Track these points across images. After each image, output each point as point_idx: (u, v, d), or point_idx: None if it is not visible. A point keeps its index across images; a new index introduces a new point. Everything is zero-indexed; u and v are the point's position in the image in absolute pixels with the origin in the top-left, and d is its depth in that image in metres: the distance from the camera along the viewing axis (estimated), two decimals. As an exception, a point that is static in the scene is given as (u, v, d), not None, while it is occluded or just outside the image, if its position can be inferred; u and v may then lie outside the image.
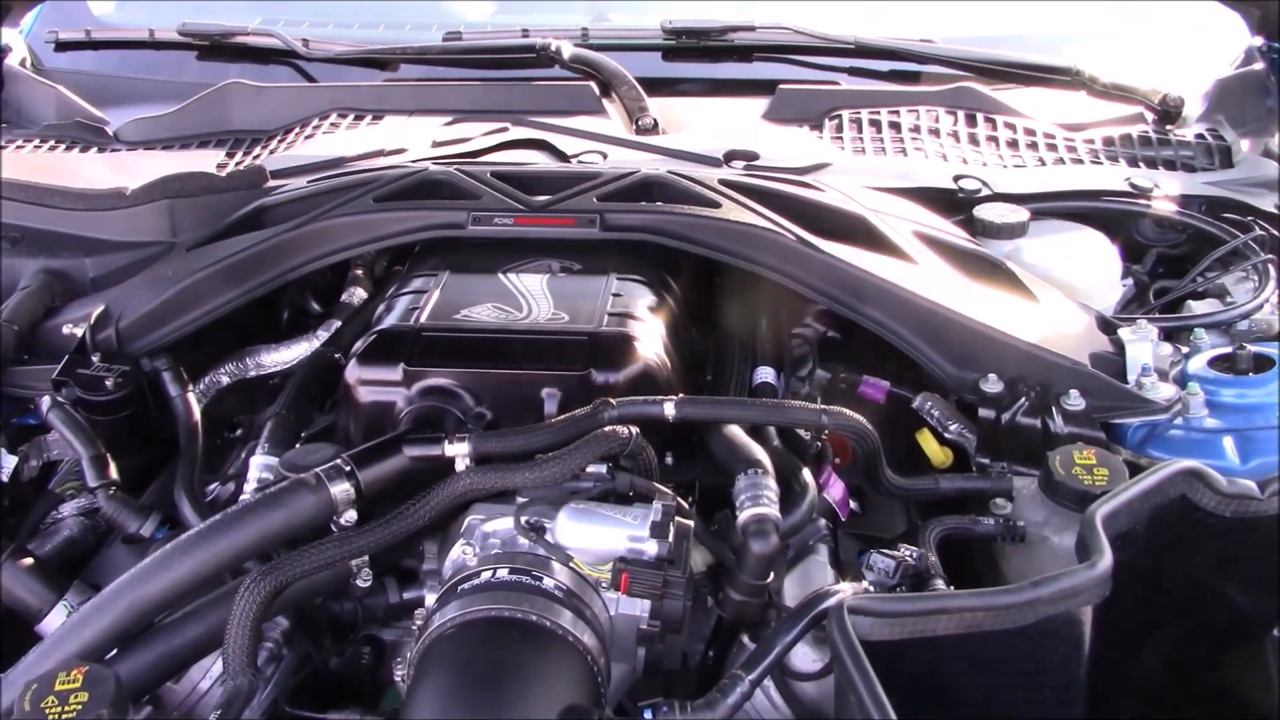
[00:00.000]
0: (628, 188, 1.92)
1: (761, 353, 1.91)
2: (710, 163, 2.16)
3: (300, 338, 2.03)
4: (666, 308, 1.82)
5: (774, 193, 1.93)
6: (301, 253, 1.92)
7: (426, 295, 1.79)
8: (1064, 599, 1.26)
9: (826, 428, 1.60)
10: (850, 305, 1.79)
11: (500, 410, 1.66)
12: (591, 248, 1.89)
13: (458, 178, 1.96)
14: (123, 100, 2.60)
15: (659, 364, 1.69)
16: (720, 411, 1.60)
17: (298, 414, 1.79)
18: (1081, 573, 1.27)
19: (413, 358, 1.66)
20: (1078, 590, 1.26)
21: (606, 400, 1.57)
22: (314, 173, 2.16)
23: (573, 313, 1.73)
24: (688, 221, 1.84)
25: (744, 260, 1.82)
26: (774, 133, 2.32)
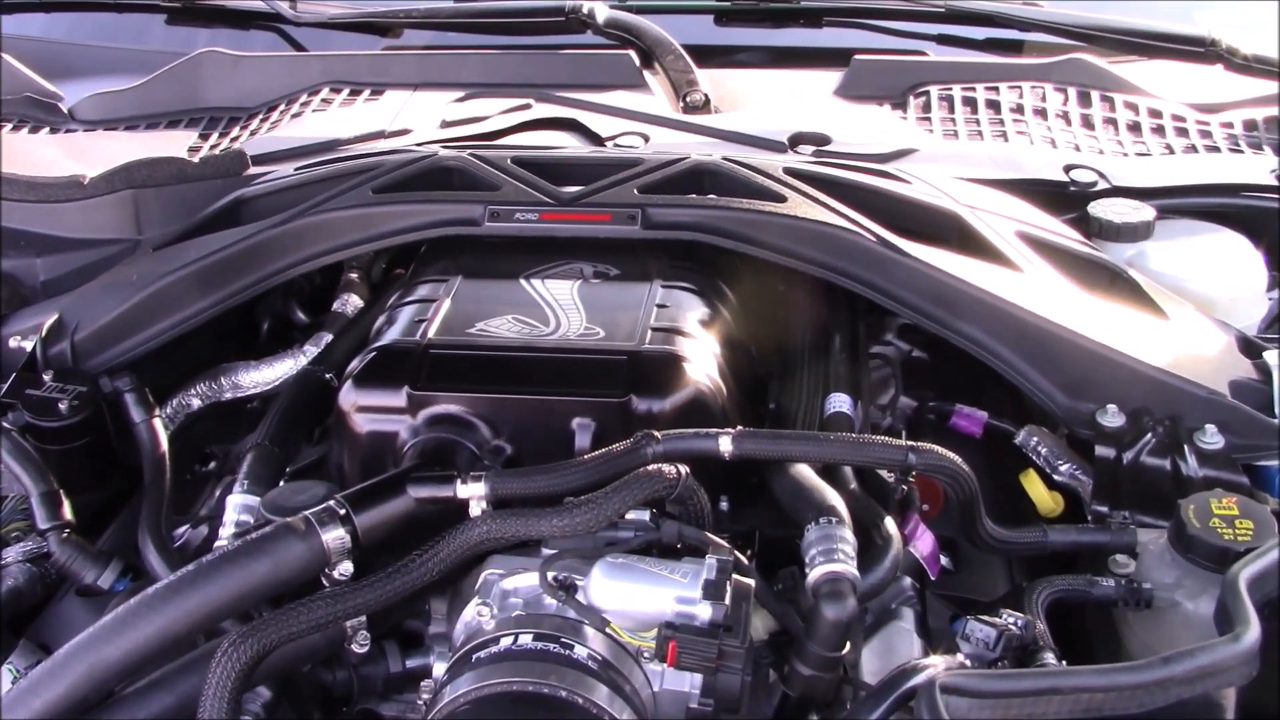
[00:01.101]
0: (674, 177, 1.93)
1: (835, 377, 1.91)
2: (773, 147, 2.16)
3: (284, 354, 2.04)
4: (721, 322, 1.82)
5: (849, 184, 1.93)
6: (287, 253, 1.94)
7: (435, 305, 1.80)
8: (1202, 679, 1.24)
9: (914, 468, 1.60)
10: (941, 320, 1.79)
11: (523, 443, 1.66)
12: (631, 249, 1.89)
13: (472, 164, 1.97)
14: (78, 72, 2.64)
15: (712, 390, 1.69)
16: (786, 447, 1.60)
17: (282, 445, 1.80)
18: (1223, 647, 1.25)
19: (419, 379, 1.67)
20: (1219, 668, 1.25)
21: (650, 433, 1.57)
22: (302, 158, 2.17)
23: (609, 327, 1.73)
24: (746, 218, 1.84)
25: (813, 265, 1.83)
26: (849, 112, 2.32)
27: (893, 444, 1.60)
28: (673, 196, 1.89)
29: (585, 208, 1.88)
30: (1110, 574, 1.60)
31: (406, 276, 2.03)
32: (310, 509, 1.50)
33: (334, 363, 1.95)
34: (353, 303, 2.12)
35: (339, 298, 2.13)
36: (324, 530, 1.48)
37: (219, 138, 2.42)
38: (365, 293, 2.15)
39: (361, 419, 1.69)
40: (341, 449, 1.73)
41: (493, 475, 1.54)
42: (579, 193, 1.91)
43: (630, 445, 1.56)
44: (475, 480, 1.54)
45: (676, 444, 1.56)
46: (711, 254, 1.90)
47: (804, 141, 2.18)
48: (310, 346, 2.03)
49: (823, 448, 1.61)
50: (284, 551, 1.47)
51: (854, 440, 1.63)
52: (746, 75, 2.50)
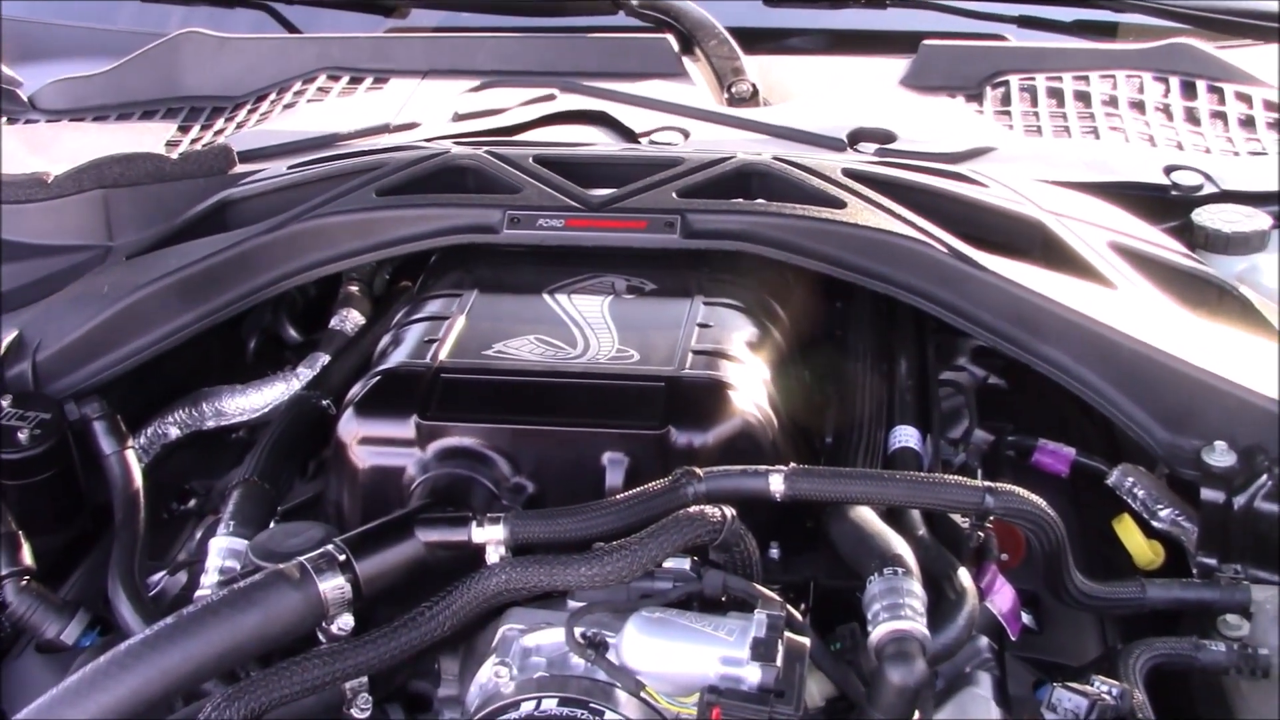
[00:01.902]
0: (718, 179, 1.94)
1: (901, 406, 1.92)
2: (830, 145, 2.18)
3: (275, 377, 2.06)
4: (771, 344, 1.83)
5: (917, 188, 1.94)
6: (279, 263, 1.96)
7: (447, 323, 1.81)
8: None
9: (991, 512, 1.60)
10: (1022, 342, 1.79)
11: (546, 481, 1.67)
12: (669, 260, 1.90)
13: (489, 164, 1.99)
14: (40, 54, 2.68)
15: (761, 421, 1.70)
16: (845, 488, 1.61)
17: (273, 481, 1.82)
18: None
19: (429, 407, 1.69)
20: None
21: (691, 470, 1.58)
22: (296, 155, 2.20)
23: (644, 349, 1.75)
24: (800, 226, 1.86)
25: (876, 279, 1.84)
26: (916, 105, 2.34)
27: (967, 484, 1.61)
28: (716, 201, 1.90)
29: (617, 214, 1.90)
30: (1220, 637, 1.59)
31: (414, 290, 2.05)
32: (305, 554, 1.52)
33: (331, 387, 1.96)
34: (353, 319, 2.14)
35: (337, 313, 2.15)
36: (321, 578, 1.50)
37: (201, 131, 2.45)
38: (367, 308, 2.17)
39: (363, 452, 1.71)
40: (340, 486, 1.75)
41: (512, 517, 1.56)
42: (610, 196, 1.92)
43: (669, 484, 1.57)
44: (492, 522, 1.55)
45: (721, 482, 1.57)
46: (760, 267, 1.91)
47: (865, 139, 2.20)
48: (304, 369, 2.05)
49: (887, 488, 1.62)
50: (275, 602, 1.48)
51: (923, 480, 1.63)
52: (800, 63, 2.51)
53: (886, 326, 2.06)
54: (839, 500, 1.61)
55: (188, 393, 2.06)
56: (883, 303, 2.02)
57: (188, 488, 2.06)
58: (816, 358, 1.99)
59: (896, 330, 2.05)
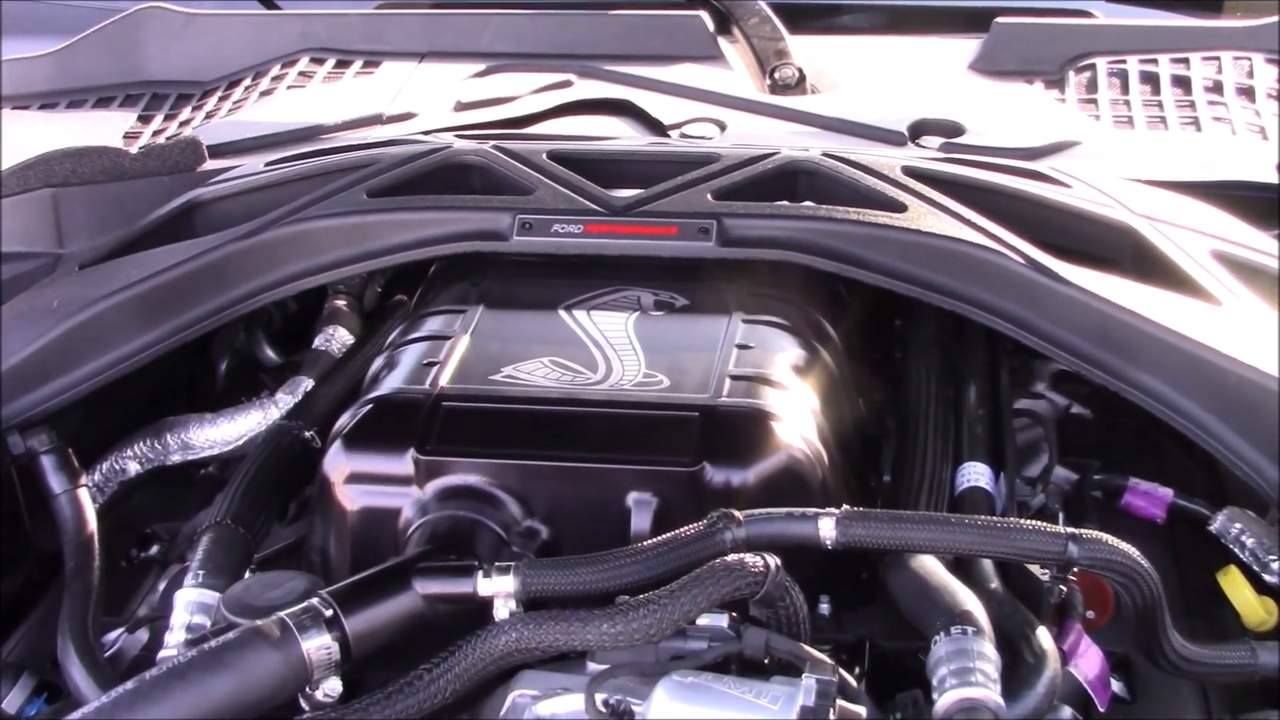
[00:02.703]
0: (760, 179, 1.95)
1: (970, 439, 1.92)
2: (888, 139, 2.19)
3: (250, 404, 2.08)
4: (821, 368, 1.84)
5: (989, 188, 1.95)
6: (255, 274, 1.97)
7: (449, 344, 1.83)
8: None
9: (1075, 563, 1.60)
10: (1111, 367, 1.80)
11: (563, 525, 1.69)
12: (704, 272, 1.92)
13: (497, 160, 2.00)
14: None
15: (810, 456, 1.71)
16: (906, 534, 1.61)
17: (248, 524, 1.82)
18: None
19: (428, 440, 1.70)
20: None
21: (729, 513, 1.58)
22: (275, 150, 2.22)
23: (675, 374, 1.76)
24: (854, 232, 1.87)
25: (941, 294, 1.85)
26: (988, 93, 2.35)
27: (1047, 530, 1.60)
28: (757, 204, 1.91)
29: (644, 218, 1.91)
30: (1343, 710, 1.59)
31: (411, 305, 2.07)
32: (287, 608, 1.53)
33: (315, 417, 1.97)
34: (340, 338, 2.16)
35: (322, 331, 2.17)
36: (304, 636, 1.50)
37: (164, 121, 2.47)
38: (356, 325, 2.19)
39: (353, 491, 1.72)
40: (326, 530, 1.76)
41: (524, 566, 1.57)
42: (635, 199, 1.93)
43: (704, 529, 1.58)
44: (501, 572, 1.56)
45: (763, 527, 1.58)
46: (808, 280, 1.92)
47: (929, 132, 2.21)
48: (284, 395, 2.07)
49: (954, 534, 1.62)
50: (252, 664, 1.48)
51: (996, 525, 1.63)
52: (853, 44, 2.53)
53: (953, 348, 2.06)
54: (899, 548, 1.62)
55: (149, 422, 2.07)
56: (949, 321, 2.03)
57: (149, 531, 2.07)
58: (872, 384, 2.00)
59: (965, 352, 2.06)
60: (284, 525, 1.95)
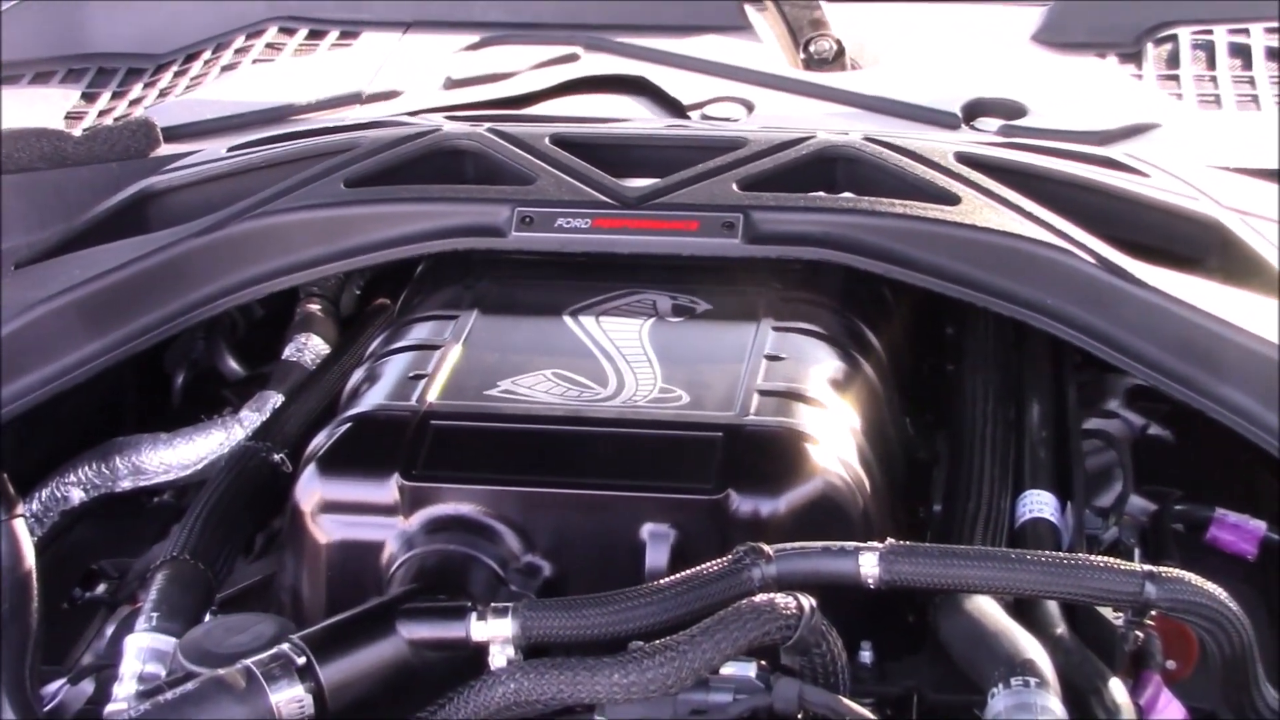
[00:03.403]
0: (793, 167, 1.96)
1: (1033, 464, 1.92)
2: (940, 122, 2.20)
3: (210, 424, 2.08)
4: (862, 382, 1.85)
5: (1055, 178, 1.95)
6: (216, 274, 1.98)
7: (439, 354, 1.83)
8: None
9: (1154, 605, 1.59)
10: (1194, 381, 1.80)
11: (568, 561, 1.69)
12: (729, 273, 1.92)
13: (493, 145, 2.01)
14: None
15: (849, 483, 1.71)
16: (960, 571, 1.60)
17: (209, 560, 1.81)
18: None
19: (415, 464, 1.70)
20: None
21: (757, 547, 1.58)
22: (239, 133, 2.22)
23: (696, 389, 1.76)
24: (900, 228, 1.87)
25: (1000, 298, 1.85)
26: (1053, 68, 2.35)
27: (1121, 568, 1.60)
28: (790, 195, 1.92)
29: (660, 212, 1.92)
30: None
31: (395, 310, 2.07)
32: (253, 655, 1.52)
33: (286, 437, 1.97)
34: (313, 347, 2.16)
35: (293, 340, 2.17)
36: (273, 688, 1.50)
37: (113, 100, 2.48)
38: (332, 332, 2.20)
39: (329, 522, 1.72)
40: (299, 566, 1.76)
41: (524, 607, 1.56)
42: (651, 189, 1.94)
43: (728, 565, 1.57)
44: (498, 614, 1.56)
45: (797, 563, 1.58)
46: (848, 282, 1.93)
47: (986, 113, 2.22)
48: (249, 412, 2.07)
49: (1015, 572, 1.61)
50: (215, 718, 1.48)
51: (1062, 562, 1.62)
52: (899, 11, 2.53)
53: (1014, 360, 2.07)
54: (951, 587, 1.61)
55: (95, 444, 2.07)
56: (1009, 329, 2.04)
57: (96, 568, 2.07)
58: (921, 401, 2.01)
59: (1027, 365, 2.06)
60: (250, 561, 1.96)
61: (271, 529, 1.95)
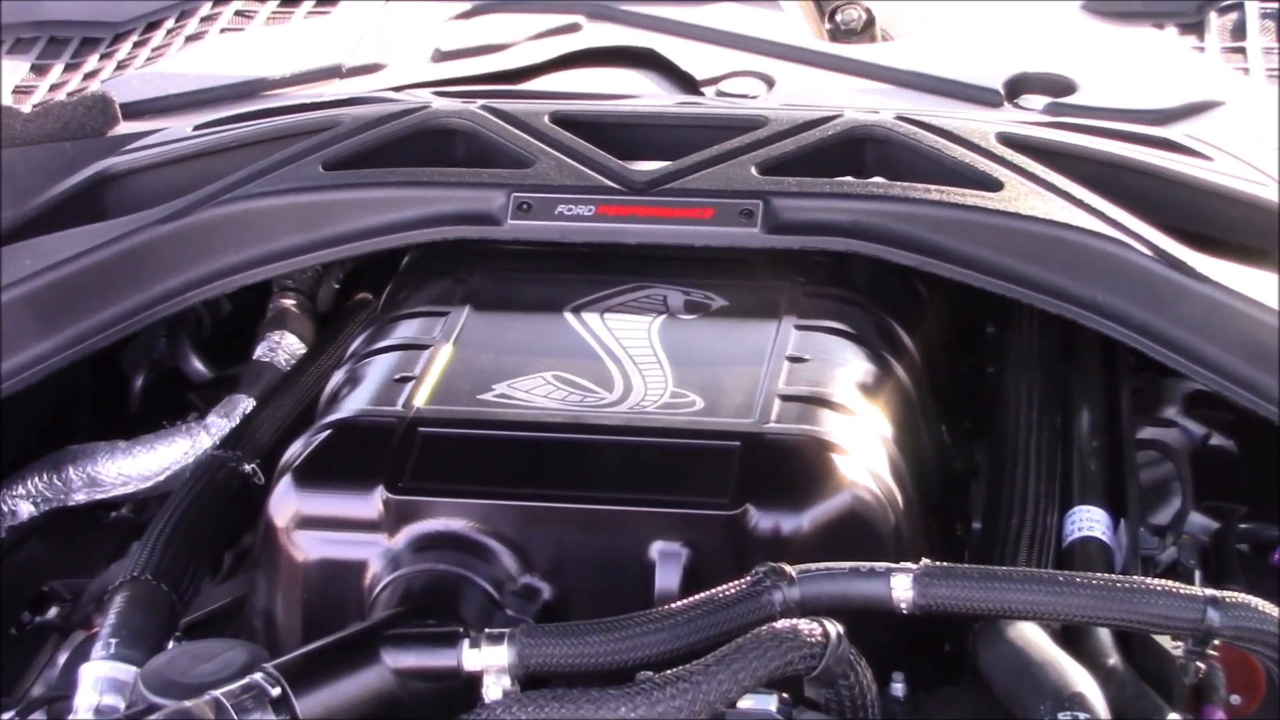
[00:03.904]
0: (818, 149, 1.96)
1: (1082, 477, 1.92)
2: (980, 99, 2.19)
3: (174, 430, 2.08)
4: (894, 386, 1.85)
5: (1108, 161, 1.95)
6: (181, 266, 1.98)
7: (427, 354, 1.83)
8: None
9: (1216, 634, 1.58)
10: (1260, 386, 1.79)
11: (569, 582, 1.69)
12: (747, 266, 1.92)
13: (487, 125, 2.01)
14: None
15: (880, 497, 1.71)
16: (1002, 595, 1.60)
17: (173, 581, 1.81)
18: None
19: (402, 476, 1.70)
20: None
21: (779, 567, 1.58)
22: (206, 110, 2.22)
23: (711, 393, 1.76)
24: (936, 216, 1.87)
25: (1046, 294, 1.85)
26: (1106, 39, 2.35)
27: (1181, 592, 1.60)
28: (814, 180, 1.92)
29: (672, 198, 1.92)
30: None
31: (378, 305, 2.08)
32: (223, 686, 1.51)
33: (258, 446, 1.98)
34: (287, 347, 2.17)
35: (265, 338, 2.17)
36: None
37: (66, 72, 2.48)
38: (308, 330, 2.20)
39: (306, 539, 1.72)
40: (273, 588, 1.76)
41: (521, 634, 1.56)
42: (661, 173, 1.94)
43: (747, 587, 1.57)
44: (493, 641, 1.55)
45: (822, 586, 1.57)
46: (879, 276, 1.93)
47: (1031, 89, 2.21)
48: (217, 418, 2.07)
49: (1063, 597, 1.60)
50: (179, 756, 1.49)
51: (1115, 585, 1.61)
52: (934, -23, 2.53)
53: (1061, 363, 2.07)
54: (992, 613, 1.61)
55: (46, 452, 2.07)
56: (1056, 328, 2.04)
57: (47, 589, 2.07)
58: (959, 406, 2.01)
59: (1075, 367, 2.06)
60: (217, 582, 1.96)
61: (242, 546, 1.96)
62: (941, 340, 2.01)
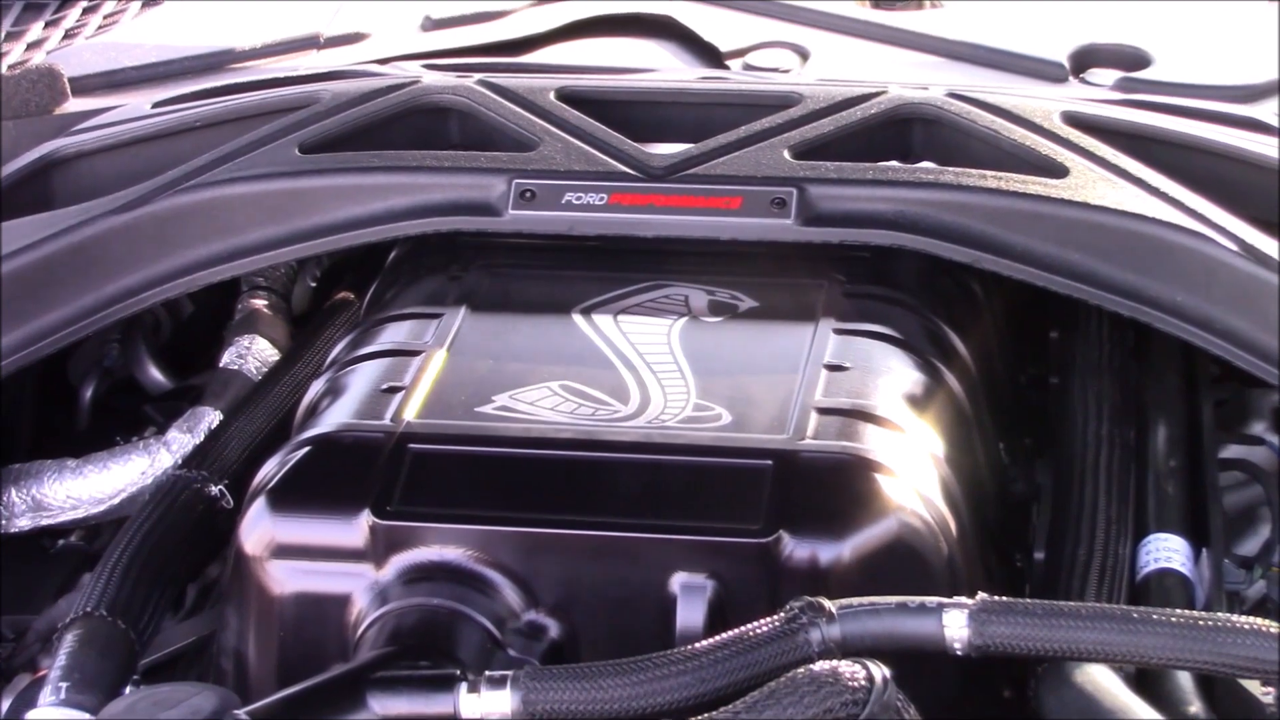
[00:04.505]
0: (859, 130, 1.96)
1: (1158, 501, 1.92)
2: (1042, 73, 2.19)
3: (129, 448, 2.08)
4: (946, 398, 1.85)
5: (1186, 145, 1.95)
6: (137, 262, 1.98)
7: (418, 361, 1.83)
8: None
9: (1313, 679, 1.60)
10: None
11: (580, 619, 1.68)
12: (779, 262, 1.92)
13: (485, 102, 2.01)
14: None
15: (931, 523, 1.70)
16: (1068, 634, 1.58)
17: (130, 617, 1.80)
18: None
19: (390, 499, 1.70)
20: None
21: (817, 602, 1.57)
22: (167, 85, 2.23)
23: (739, 405, 1.76)
24: (993, 206, 1.87)
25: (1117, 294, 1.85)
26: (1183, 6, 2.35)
27: (1270, 632, 1.58)
28: (855, 166, 1.92)
29: (694, 185, 1.92)
30: None
31: (362, 306, 2.08)
32: (187, 737, 1.52)
33: (226, 464, 1.98)
34: (258, 352, 2.17)
35: (233, 343, 2.18)
36: (211, 777, 1.50)
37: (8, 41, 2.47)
38: (282, 334, 2.20)
39: (283, 570, 1.72)
40: (244, 625, 1.76)
41: (526, 677, 1.55)
42: (682, 157, 1.94)
43: (781, 625, 1.56)
44: (494, 685, 1.55)
45: (866, 624, 1.56)
46: (928, 274, 1.93)
47: (1100, 63, 2.22)
48: (179, 433, 2.07)
49: (1138, 636, 1.59)
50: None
51: (1196, 624, 1.60)
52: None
53: (1134, 372, 2.06)
54: (1058, 654, 1.59)
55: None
56: (1128, 332, 2.04)
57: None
58: (1019, 421, 2.01)
59: (1151, 377, 2.06)
60: (180, 618, 1.96)
61: (207, 579, 1.96)
62: (999, 346, 2.01)
